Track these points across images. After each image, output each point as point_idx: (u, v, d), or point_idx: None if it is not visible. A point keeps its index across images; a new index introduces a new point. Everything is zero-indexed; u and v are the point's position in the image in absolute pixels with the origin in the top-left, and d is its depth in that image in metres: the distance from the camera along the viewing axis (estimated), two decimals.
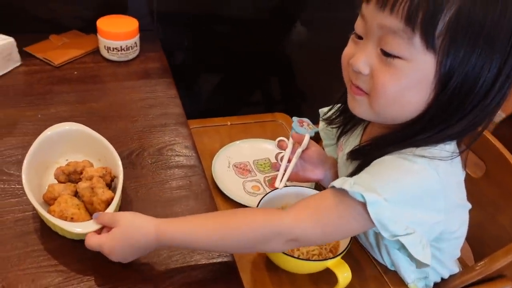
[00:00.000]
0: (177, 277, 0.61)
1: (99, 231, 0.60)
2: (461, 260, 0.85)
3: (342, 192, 0.55)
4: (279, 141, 0.77)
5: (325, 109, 0.81)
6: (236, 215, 0.60)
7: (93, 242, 0.58)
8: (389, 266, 0.73)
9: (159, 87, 0.98)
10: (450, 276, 0.76)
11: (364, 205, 0.53)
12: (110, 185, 0.69)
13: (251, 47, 1.34)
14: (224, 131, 1.01)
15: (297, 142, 0.75)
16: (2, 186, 0.70)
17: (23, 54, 0.99)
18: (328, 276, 0.65)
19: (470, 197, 0.68)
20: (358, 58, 0.57)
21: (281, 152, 0.76)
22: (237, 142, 0.95)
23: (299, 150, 0.75)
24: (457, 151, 0.61)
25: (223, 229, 0.58)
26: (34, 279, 0.58)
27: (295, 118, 0.77)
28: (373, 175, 0.57)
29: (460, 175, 0.64)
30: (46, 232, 0.64)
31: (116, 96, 0.94)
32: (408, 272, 0.72)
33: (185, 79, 1.38)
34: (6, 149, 0.77)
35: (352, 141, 0.74)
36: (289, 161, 0.74)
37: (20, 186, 0.70)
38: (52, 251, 0.62)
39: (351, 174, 0.66)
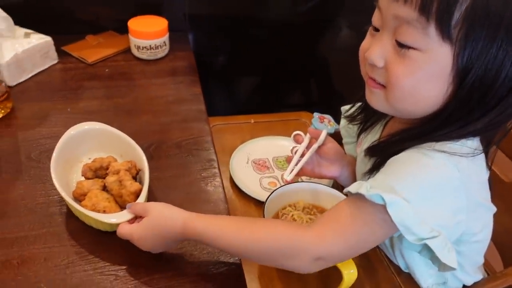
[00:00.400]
0: (179, 268, 0.62)
1: (131, 221, 0.62)
2: (490, 268, 0.81)
3: (360, 198, 0.53)
4: (295, 135, 0.76)
5: (347, 106, 0.80)
6: (264, 223, 0.60)
7: (125, 231, 0.60)
8: (403, 269, 0.70)
9: (183, 85, 1.00)
10: (473, 284, 0.72)
11: (384, 208, 0.50)
12: (135, 178, 0.70)
13: (288, 49, 1.34)
14: (247, 129, 1.01)
15: (314, 138, 0.74)
16: (29, 172, 0.75)
17: (61, 53, 1.05)
18: (337, 272, 0.64)
19: (501, 201, 0.64)
20: (373, 50, 0.56)
21: (296, 146, 0.75)
22: (258, 139, 0.95)
23: (315, 145, 0.74)
24: (481, 148, 0.58)
25: (246, 235, 0.57)
26: (46, 258, 0.61)
27: (316, 114, 0.77)
28: (389, 175, 0.55)
29: (484, 174, 0.61)
30: (63, 216, 0.68)
31: (142, 92, 0.97)
32: (424, 276, 0.68)
33: (223, 80, 1.41)
34: (36, 138, 0.82)
35: (371, 137, 0.72)
36: (303, 155, 0.73)
37: (44, 173, 0.74)
38: (67, 234, 0.65)
39: (369, 171, 0.64)
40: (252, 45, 1.33)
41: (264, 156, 0.92)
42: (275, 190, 0.72)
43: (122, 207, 0.66)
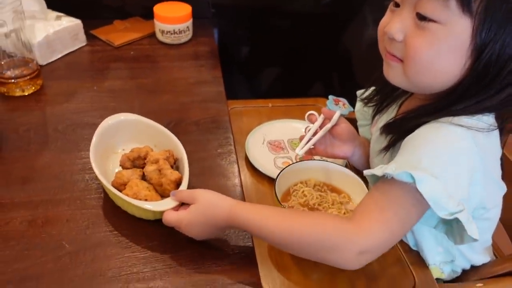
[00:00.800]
0: (191, 245, 0.63)
1: (175, 209, 0.62)
2: (499, 253, 0.80)
3: (388, 182, 0.54)
4: (309, 114, 0.77)
5: (362, 90, 0.82)
6: (308, 215, 0.61)
7: (172, 217, 0.60)
8: (411, 245, 0.71)
9: (204, 68, 1.04)
10: (482, 265, 0.72)
11: (413, 187, 0.51)
12: (172, 167, 0.70)
13: (310, 41, 1.35)
14: (264, 112, 1.03)
15: (327, 118, 0.76)
16: (56, 143, 0.80)
17: (90, 36, 1.10)
18: None
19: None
20: (393, 24, 0.58)
21: (310, 126, 0.77)
22: (274, 121, 0.97)
23: (328, 125, 0.75)
24: (496, 124, 0.59)
25: (290, 225, 0.56)
26: (68, 219, 0.65)
27: (331, 97, 0.78)
28: (411, 153, 0.55)
29: (498, 151, 0.61)
30: (86, 183, 0.72)
31: (164, 73, 1.01)
32: (432, 253, 0.69)
33: (244, 70, 1.43)
34: (63, 113, 0.87)
35: (386, 117, 0.73)
36: (316, 134, 0.75)
37: (70, 145, 0.79)
38: (88, 199, 0.69)
39: (385, 148, 0.66)
40: (274, 35, 1.35)
41: (279, 138, 0.94)
42: (287, 166, 0.74)
43: (163, 196, 0.66)
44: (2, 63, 0.88)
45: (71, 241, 0.62)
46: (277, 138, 0.94)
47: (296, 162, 0.76)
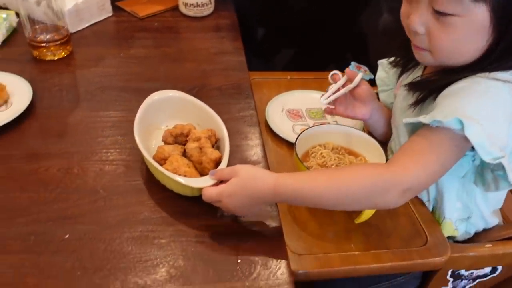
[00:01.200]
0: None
1: (215, 186, 0.62)
2: (507, 220, 0.83)
3: (431, 129, 0.58)
4: (332, 74, 0.80)
5: (385, 59, 0.85)
6: (350, 167, 0.65)
7: (212, 192, 0.60)
8: (431, 198, 0.73)
9: (226, 39, 1.07)
10: (491, 228, 0.76)
11: (455, 134, 0.55)
12: (213, 146, 0.70)
13: (327, 23, 1.37)
14: (283, 84, 1.06)
15: (350, 79, 0.79)
16: (86, 102, 0.84)
17: (115, 8, 1.14)
18: None
19: None
20: (413, 19, 0.62)
21: (332, 86, 0.80)
22: (293, 91, 1.00)
23: (351, 85, 0.78)
24: None
25: (338, 180, 0.59)
26: (101, 168, 0.70)
27: (353, 63, 0.81)
28: (454, 104, 0.58)
29: None
30: (116, 137, 0.76)
31: (187, 44, 1.05)
32: (450, 208, 0.72)
33: (260, 51, 1.46)
34: (92, 76, 0.91)
35: (412, 76, 0.77)
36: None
37: (99, 105, 0.83)
38: (118, 151, 0.73)
39: (415, 103, 0.69)
40: (289, 16, 1.37)
41: (298, 107, 0.97)
42: (306, 129, 0.77)
43: (202, 174, 0.66)
44: (36, 27, 0.92)
45: (105, 187, 0.66)
46: (295, 107, 0.97)
47: (314, 126, 0.79)
